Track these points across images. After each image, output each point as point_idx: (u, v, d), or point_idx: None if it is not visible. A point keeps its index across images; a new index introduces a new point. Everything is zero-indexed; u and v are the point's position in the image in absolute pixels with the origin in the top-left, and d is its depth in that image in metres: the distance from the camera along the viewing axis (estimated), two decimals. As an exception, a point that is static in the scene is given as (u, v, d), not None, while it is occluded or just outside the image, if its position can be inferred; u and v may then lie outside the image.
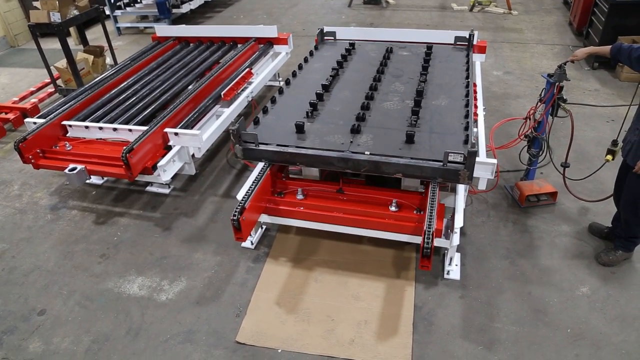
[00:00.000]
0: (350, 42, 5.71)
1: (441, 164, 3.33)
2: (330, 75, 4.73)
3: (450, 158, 3.29)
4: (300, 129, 3.81)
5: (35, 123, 4.76)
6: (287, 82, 4.76)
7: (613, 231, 4.05)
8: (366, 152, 3.49)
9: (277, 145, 3.68)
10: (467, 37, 5.56)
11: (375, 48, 5.60)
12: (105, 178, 5.27)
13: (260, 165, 3.86)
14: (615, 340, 3.33)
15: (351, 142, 3.65)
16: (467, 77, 4.61)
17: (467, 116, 3.92)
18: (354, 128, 3.78)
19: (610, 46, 3.65)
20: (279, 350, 3.34)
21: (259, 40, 6.46)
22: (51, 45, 8.49)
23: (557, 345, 3.31)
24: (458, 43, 5.65)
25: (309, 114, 4.07)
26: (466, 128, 3.75)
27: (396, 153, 3.48)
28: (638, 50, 3.43)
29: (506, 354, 3.26)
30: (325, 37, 5.99)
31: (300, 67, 5.13)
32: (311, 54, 5.51)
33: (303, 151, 3.58)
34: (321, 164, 3.61)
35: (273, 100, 4.38)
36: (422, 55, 5.33)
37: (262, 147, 3.69)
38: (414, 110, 4.01)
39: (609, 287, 3.74)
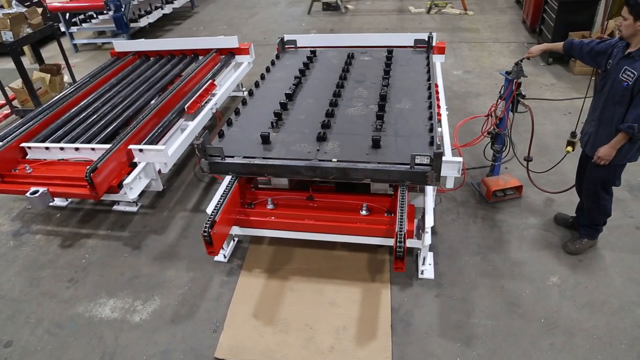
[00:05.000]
0: (312, 49, 5.73)
1: (408, 166, 3.37)
2: (293, 84, 4.71)
3: (417, 160, 3.34)
4: (265, 139, 3.77)
5: (-9, 147, 4.59)
6: (250, 93, 4.71)
7: (577, 220, 4.18)
8: (333, 160, 3.50)
9: (244, 157, 3.65)
10: (426, 39, 5.65)
11: (336, 54, 5.62)
12: (70, 199, 5.13)
13: (229, 177, 3.83)
14: (587, 326, 3.43)
15: (318, 150, 3.66)
16: (429, 79, 4.68)
17: (431, 118, 3.97)
18: (320, 136, 3.78)
19: (563, 42, 3.81)
20: (259, 363, 3.31)
21: (220, 51, 6.43)
22: (4, 65, 8.24)
23: (532, 335, 3.38)
24: (418, 46, 5.72)
25: (274, 124, 4.05)
26: (431, 130, 3.79)
27: (363, 159, 3.50)
28: (588, 45, 3.61)
29: (484, 349, 3.31)
30: (286, 46, 5.98)
31: (262, 77, 5.10)
32: (273, 63, 5.49)
33: (270, 162, 3.56)
34: (289, 173, 3.59)
35: (237, 112, 4.34)
36: (383, 59, 5.37)
37: (228, 160, 3.66)
38: (378, 114, 4.03)
39: (578, 275, 3.85)
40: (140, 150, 4.35)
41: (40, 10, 7.11)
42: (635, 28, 3.16)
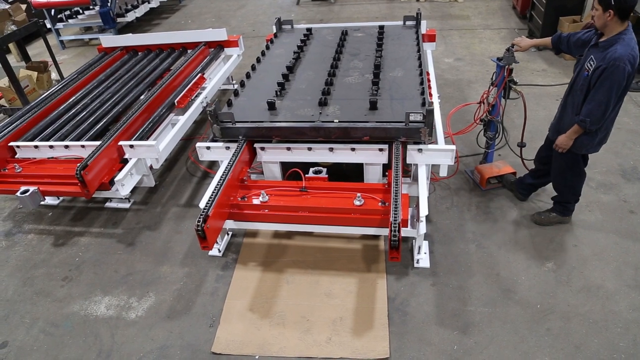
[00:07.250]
0: (308, 28, 6.03)
1: (403, 124, 3.67)
2: (293, 58, 5.01)
3: (411, 118, 3.63)
4: (272, 105, 4.08)
5: (-21, 147, 4.53)
6: (253, 68, 5.00)
7: (520, 179, 4.47)
8: (335, 120, 3.80)
9: (253, 121, 3.93)
10: (415, 16, 5.88)
11: (331, 32, 5.92)
12: (61, 198, 5.08)
13: (221, 171, 3.80)
14: (582, 311, 3.44)
15: (320, 113, 3.97)
16: (418, 50, 5.04)
17: (422, 83, 4.28)
18: (322, 101, 4.08)
19: (551, 37, 3.83)
20: (257, 357, 3.29)
21: (209, 44, 6.36)
22: (-10, 64, 8.10)
23: (528, 321, 3.39)
24: (407, 23, 5.98)
25: (278, 93, 4.36)
26: (422, 93, 4.11)
27: (362, 119, 3.81)
28: (575, 36, 3.64)
29: (481, 336, 3.31)
30: (283, 26, 6.20)
31: (263, 54, 5.38)
32: (271, 41, 5.78)
33: (277, 124, 3.86)
34: (295, 134, 3.88)
35: (242, 84, 4.61)
36: (375, 35, 5.69)
37: (238, 125, 3.94)
38: (373, 81, 4.33)
39: (573, 259, 3.85)
40: (131, 146, 4.31)
41: (24, 6, 7.01)
42: (605, 19, 3.16)
